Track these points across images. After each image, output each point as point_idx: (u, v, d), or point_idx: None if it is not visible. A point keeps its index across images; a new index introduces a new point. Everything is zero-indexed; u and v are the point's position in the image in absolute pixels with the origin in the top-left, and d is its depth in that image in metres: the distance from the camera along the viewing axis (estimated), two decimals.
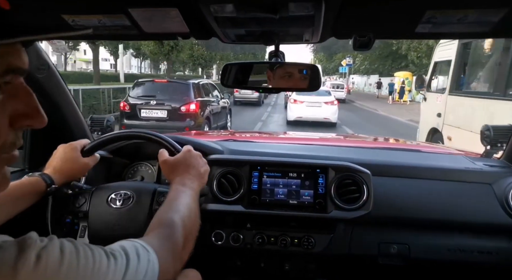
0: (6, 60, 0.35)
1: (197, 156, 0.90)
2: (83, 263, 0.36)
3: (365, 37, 0.81)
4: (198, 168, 0.87)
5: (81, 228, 0.96)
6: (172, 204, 0.71)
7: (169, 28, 0.80)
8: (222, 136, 1.81)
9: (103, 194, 0.98)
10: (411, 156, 1.45)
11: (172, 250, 0.58)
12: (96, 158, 1.01)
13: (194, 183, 0.83)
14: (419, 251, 1.11)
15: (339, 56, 37.40)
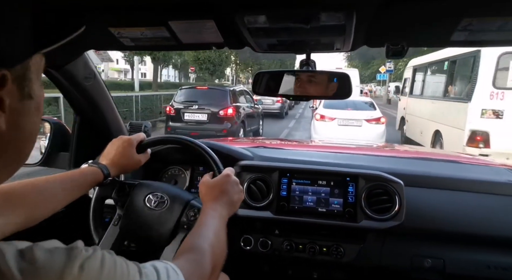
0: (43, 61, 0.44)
1: (234, 183, 0.90)
2: (119, 275, 0.39)
3: (398, 46, 0.81)
4: (232, 195, 0.88)
5: (116, 216, 1.00)
6: (202, 229, 0.72)
7: (205, 38, 0.85)
8: (253, 143, 1.84)
9: (144, 191, 1.01)
10: (448, 167, 1.39)
11: (200, 276, 0.59)
12: (148, 156, 1.04)
13: (225, 210, 0.83)
14: (455, 266, 1.06)
15: (377, 61, 33.78)
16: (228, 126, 7.43)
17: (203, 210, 0.81)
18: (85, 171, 0.89)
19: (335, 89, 0.96)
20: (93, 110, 1.25)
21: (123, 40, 0.86)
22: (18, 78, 0.38)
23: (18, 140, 0.40)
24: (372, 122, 7.54)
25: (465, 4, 0.61)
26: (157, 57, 18.21)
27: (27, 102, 0.40)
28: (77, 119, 1.29)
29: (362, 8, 0.59)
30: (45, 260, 0.34)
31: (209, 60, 22.53)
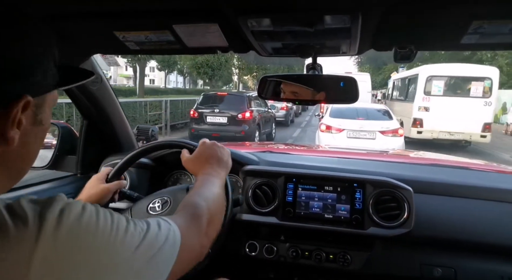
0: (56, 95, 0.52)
1: (213, 145, 0.92)
2: (102, 221, 0.40)
3: (406, 49, 0.79)
4: (218, 155, 0.89)
5: None
6: (195, 191, 0.74)
7: (210, 42, 0.84)
8: (259, 147, 1.83)
9: (142, 207, 1.02)
10: (458, 174, 1.35)
11: (196, 226, 0.61)
12: (122, 183, 1.06)
13: (217, 170, 0.85)
14: (466, 276, 1.02)
15: (389, 67, 31.18)
16: (246, 128, 8.13)
17: (196, 179, 0.83)
18: None
19: (341, 93, 0.94)
20: (100, 114, 1.26)
21: (128, 44, 0.86)
22: (36, 106, 0.45)
23: (24, 158, 0.46)
24: (388, 134, 6.37)
25: (476, 7, 0.59)
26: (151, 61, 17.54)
27: (37, 128, 0.46)
28: (84, 123, 1.30)
29: (368, 11, 0.58)
30: (28, 207, 0.38)
31: (207, 64, 21.52)
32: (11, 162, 0.44)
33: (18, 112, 0.41)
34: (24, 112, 0.42)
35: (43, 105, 0.46)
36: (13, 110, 0.40)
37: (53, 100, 0.49)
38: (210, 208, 0.68)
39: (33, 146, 0.47)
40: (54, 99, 0.50)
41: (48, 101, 0.48)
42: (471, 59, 19.36)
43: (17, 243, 0.34)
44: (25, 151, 0.46)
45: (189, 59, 21.94)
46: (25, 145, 0.45)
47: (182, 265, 0.51)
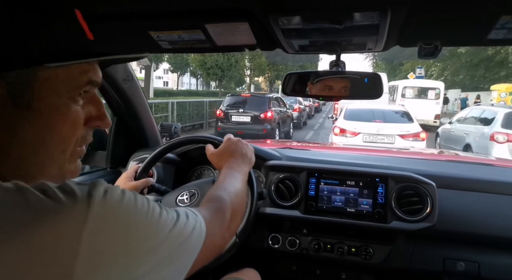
0: (88, 75, 0.44)
1: (238, 141, 0.94)
2: (140, 204, 0.42)
3: (431, 45, 0.80)
4: (242, 151, 0.92)
5: None
6: (219, 184, 0.76)
7: (238, 40, 0.88)
8: (279, 145, 1.86)
9: (171, 199, 1.06)
10: (482, 170, 1.35)
11: (220, 219, 0.63)
12: (148, 181, 1.10)
13: (241, 165, 0.87)
14: (490, 270, 1.02)
15: (406, 67, 30.04)
16: (267, 127, 8.87)
17: (219, 173, 0.85)
18: None
19: (366, 89, 0.96)
20: (129, 111, 1.31)
21: (162, 43, 0.90)
22: (15, 84, 0.38)
23: (18, 150, 0.40)
24: (408, 138, 5.89)
25: (504, 0, 0.60)
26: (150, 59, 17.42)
27: (24, 113, 0.39)
28: (114, 120, 1.36)
29: (398, 6, 0.60)
30: (75, 186, 0.38)
31: (216, 65, 21.15)
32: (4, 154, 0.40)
33: None
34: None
35: (33, 87, 0.39)
36: None
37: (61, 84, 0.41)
38: (233, 203, 0.70)
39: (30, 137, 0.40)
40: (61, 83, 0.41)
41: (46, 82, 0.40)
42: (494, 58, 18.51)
43: (69, 215, 0.35)
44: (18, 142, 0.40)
45: (198, 60, 21.68)
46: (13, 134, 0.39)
47: (204, 256, 0.52)
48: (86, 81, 0.44)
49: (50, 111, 0.41)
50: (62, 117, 0.42)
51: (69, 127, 0.43)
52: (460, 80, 23.05)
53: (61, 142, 0.43)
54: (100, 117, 0.48)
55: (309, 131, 12.44)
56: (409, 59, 25.50)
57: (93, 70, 0.45)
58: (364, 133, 6.28)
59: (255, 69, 26.01)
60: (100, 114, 0.48)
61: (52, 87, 0.40)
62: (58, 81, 0.41)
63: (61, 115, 0.42)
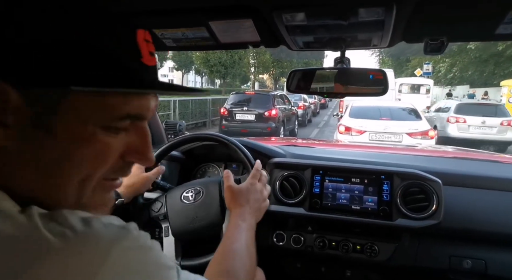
0: (127, 107, 0.38)
1: (260, 190, 0.90)
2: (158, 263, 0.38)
3: (437, 41, 0.80)
4: (259, 202, 0.88)
5: (164, 229, 1.05)
6: (234, 246, 0.72)
7: (242, 37, 0.88)
8: (284, 142, 1.85)
9: (176, 195, 1.07)
10: (489, 167, 1.34)
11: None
12: (160, 169, 1.09)
13: (253, 218, 0.83)
14: (498, 268, 1.02)
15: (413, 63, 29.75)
16: (272, 125, 8.75)
17: (231, 220, 0.82)
18: None
19: (371, 86, 0.96)
20: None
21: (166, 41, 0.90)
22: (36, 105, 0.34)
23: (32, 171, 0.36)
24: (416, 136, 5.78)
25: None
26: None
27: (41, 135, 0.35)
28: None
29: (403, 2, 0.59)
30: (99, 230, 0.35)
31: (219, 62, 20.82)
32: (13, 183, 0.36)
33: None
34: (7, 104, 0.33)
35: (56, 110, 0.35)
36: None
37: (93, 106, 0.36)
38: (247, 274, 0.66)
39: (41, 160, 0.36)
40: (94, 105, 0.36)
41: (74, 107, 0.35)
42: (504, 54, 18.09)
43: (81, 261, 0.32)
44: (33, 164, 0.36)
45: (202, 58, 21.52)
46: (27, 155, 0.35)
47: None
48: (123, 114, 0.38)
49: (72, 138, 0.36)
50: (85, 146, 0.37)
51: (93, 158, 0.38)
52: (468, 76, 22.65)
53: (79, 172, 0.38)
54: (141, 152, 0.42)
55: (314, 129, 12.30)
56: (416, 55, 25.14)
57: (139, 102, 0.39)
58: (370, 132, 6.11)
59: (259, 66, 25.89)
60: (142, 150, 0.42)
61: (78, 113, 0.35)
62: (86, 107, 0.35)
63: (85, 143, 0.37)
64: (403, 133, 5.93)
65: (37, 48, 0.33)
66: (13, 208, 0.34)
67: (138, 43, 0.38)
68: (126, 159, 0.41)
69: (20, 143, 0.35)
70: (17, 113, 0.34)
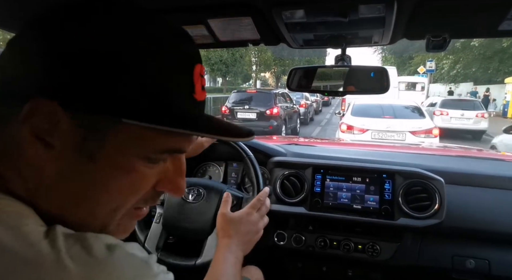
0: (168, 142, 0.38)
1: (255, 222, 0.88)
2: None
3: (440, 38, 0.78)
4: (250, 235, 0.86)
5: (157, 214, 1.06)
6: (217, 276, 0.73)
7: (242, 35, 0.87)
8: (285, 141, 1.84)
9: None
10: (492, 165, 1.32)
11: None
12: (211, 140, 1.06)
13: (241, 251, 0.81)
14: (502, 268, 1.00)
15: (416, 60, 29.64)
16: (273, 123, 8.69)
17: (219, 250, 0.80)
18: None
19: (372, 83, 0.95)
20: None
21: None
22: (84, 129, 0.34)
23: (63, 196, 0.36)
24: (420, 134, 5.71)
25: None
26: None
27: (84, 161, 0.35)
28: None
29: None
30: (122, 262, 0.34)
31: (220, 60, 20.70)
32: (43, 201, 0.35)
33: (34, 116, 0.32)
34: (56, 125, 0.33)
35: (104, 138, 0.34)
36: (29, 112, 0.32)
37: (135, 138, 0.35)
38: None
39: (76, 184, 0.35)
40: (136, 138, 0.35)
41: (118, 136, 0.35)
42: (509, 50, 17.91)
43: None
44: (67, 187, 0.35)
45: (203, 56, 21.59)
46: (63, 176, 0.35)
47: None
48: (167, 147, 0.38)
49: (112, 166, 0.36)
50: (124, 175, 0.36)
51: (129, 187, 0.37)
52: (472, 73, 22.46)
53: (111, 202, 0.37)
54: (175, 182, 0.42)
55: (316, 127, 12.21)
56: (419, 52, 24.92)
57: (183, 137, 0.39)
58: (373, 130, 6.02)
59: (261, 65, 25.82)
60: (177, 180, 0.42)
61: (123, 144, 0.35)
62: (133, 139, 0.35)
63: (124, 173, 0.36)
64: (406, 131, 5.86)
65: (96, 77, 0.33)
66: (38, 228, 0.33)
67: (194, 78, 0.38)
68: (158, 189, 0.41)
69: (61, 165, 0.34)
70: (64, 136, 0.34)
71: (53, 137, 0.33)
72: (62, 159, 0.34)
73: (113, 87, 0.33)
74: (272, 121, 8.76)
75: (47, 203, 0.35)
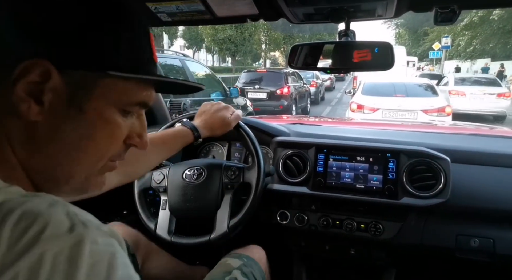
0: (142, 95, 0.44)
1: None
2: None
3: (448, 9, 0.74)
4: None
5: (162, 201, 1.07)
6: None
7: (240, 10, 0.84)
8: (290, 120, 1.82)
9: (178, 171, 1.07)
10: (498, 143, 1.28)
11: None
12: (239, 119, 1.04)
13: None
14: (506, 246, 0.99)
15: (431, 37, 27.98)
16: (284, 103, 8.64)
17: None
18: (176, 133, 0.95)
19: (376, 59, 0.91)
20: None
21: (160, 15, 0.87)
22: (76, 85, 0.38)
23: (55, 147, 0.39)
24: (432, 113, 5.54)
25: None
26: None
27: (74, 114, 0.38)
28: None
29: None
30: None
31: (229, 39, 20.33)
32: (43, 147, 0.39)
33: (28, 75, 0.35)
34: (46, 83, 0.36)
35: (90, 90, 0.39)
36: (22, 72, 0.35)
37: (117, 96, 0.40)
38: None
39: (70, 138, 0.39)
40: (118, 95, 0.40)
41: (104, 90, 0.39)
42: None
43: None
44: (59, 140, 0.39)
45: (211, 35, 21.00)
46: (58, 132, 0.39)
47: None
48: (139, 100, 0.44)
49: (97, 118, 0.40)
50: (106, 127, 0.41)
51: (109, 139, 0.42)
52: (490, 49, 21.55)
53: (97, 152, 0.42)
54: (139, 136, 0.47)
55: (326, 106, 11.94)
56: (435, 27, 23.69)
57: (147, 92, 0.45)
58: (384, 109, 5.86)
59: (270, 43, 25.31)
60: (140, 135, 0.47)
61: (107, 96, 0.40)
62: (114, 91, 0.40)
63: (106, 124, 0.41)
64: (418, 110, 5.70)
65: (83, 35, 0.38)
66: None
67: (151, 42, 0.45)
68: (127, 142, 0.46)
69: (52, 119, 0.38)
70: (54, 92, 0.37)
71: (44, 93, 0.37)
72: (54, 113, 0.37)
73: (100, 47, 0.39)
74: (282, 101, 8.74)
75: (39, 160, 0.39)
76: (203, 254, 1.22)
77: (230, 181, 1.03)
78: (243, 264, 0.89)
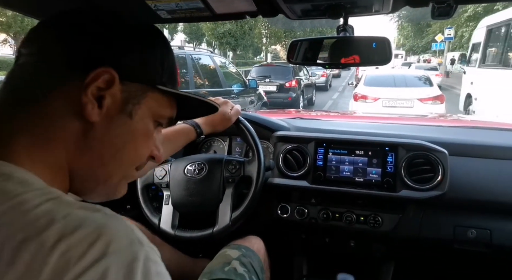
0: (172, 111, 0.49)
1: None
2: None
3: (445, 4, 0.74)
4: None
5: (165, 197, 1.08)
6: None
7: (238, 7, 0.84)
8: (290, 114, 1.83)
9: (180, 167, 1.09)
10: (496, 135, 1.29)
11: None
12: (238, 113, 1.05)
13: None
14: (503, 237, 1.01)
15: (434, 28, 28.01)
16: (292, 95, 9.23)
17: None
18: (179, 130, 0.97)
19: (374, 54, 0.92)
20: None
21: (160, 13, 0.88)
22: (129, 92, 0.43)
23: (102, 148, 0.43)
24: (427, 101, 6.07)
25: None
26: None
27: (124, 118, 0.43)
28: None
29: None
30: None
31: (229, 33, 20.14)
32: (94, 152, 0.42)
33: (97, 80, 0.40)
34: (109, 89, 0.40)
35: (139, 100, 0.44)
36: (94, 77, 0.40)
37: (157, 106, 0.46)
38: None
39: (116, 140, 0.43)
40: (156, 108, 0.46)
41: (149, 101, 0.45)
42: None
43: None
44: (107, 142, 0.43)
45: (211, 29, 20.81)
46: (108, 132, 0.42)
47: None
48: (169, 114, 0.49)
49: (141, 126, 0.45)
50: (145, 134, 0.46)
51: (145, 145, 0.47)
52: None
53: (135, 156, 0.46)
54: (159, 149, 0.51)
55: (335, 92, 14.13)
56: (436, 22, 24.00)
57: (174, 109, 0.50)
58: (384, 98, 6.44)
59: (271, 37, 25.10)
60: (159, 148, 0.51)
61: (151, 108, 0.45)
62: (156, 104, 0.46)
63: (145, 132, 0.46)
64: (415, 99, 6.28)
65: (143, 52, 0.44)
66: None
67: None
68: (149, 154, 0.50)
69: (106, 122, 0.42)
70: (113, 98, 0.41)
71: (105, 99, 0.41)
72: (109, 117, 0.42)
73: (152, 64, 0.45)
74: (291, 93, 9.24)
75: (84, 160, 0.42)
76: (206, 247, 1.25)
77: (231, 175, 1.04)
78: (242, 255, 0.91)
